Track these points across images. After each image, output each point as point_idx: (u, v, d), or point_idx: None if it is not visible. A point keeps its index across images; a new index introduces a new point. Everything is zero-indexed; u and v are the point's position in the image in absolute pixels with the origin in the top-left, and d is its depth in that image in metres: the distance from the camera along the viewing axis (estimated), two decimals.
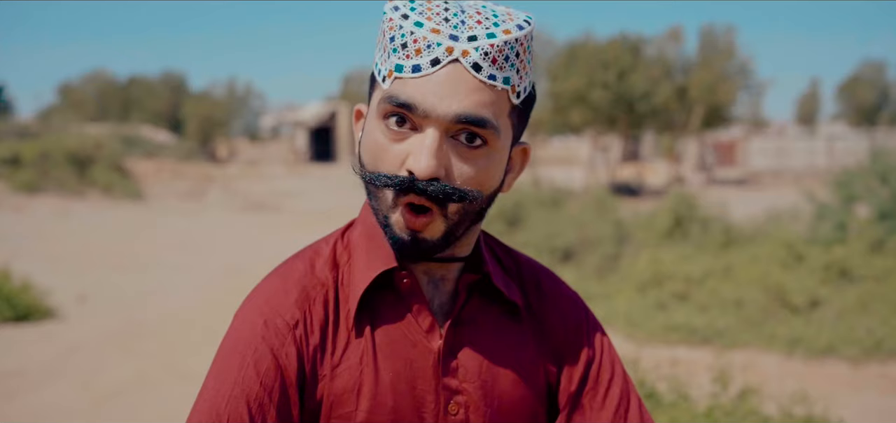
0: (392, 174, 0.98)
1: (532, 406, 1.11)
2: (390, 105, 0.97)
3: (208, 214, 22.59)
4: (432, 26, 0.96)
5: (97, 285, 11.13)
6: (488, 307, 1.11)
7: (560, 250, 11.19)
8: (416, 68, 0.96)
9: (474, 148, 0.98)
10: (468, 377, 1.07)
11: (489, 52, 0.96)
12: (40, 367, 7.18)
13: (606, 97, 27.25)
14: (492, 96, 0.97)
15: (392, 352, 1.04)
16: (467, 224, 1.02)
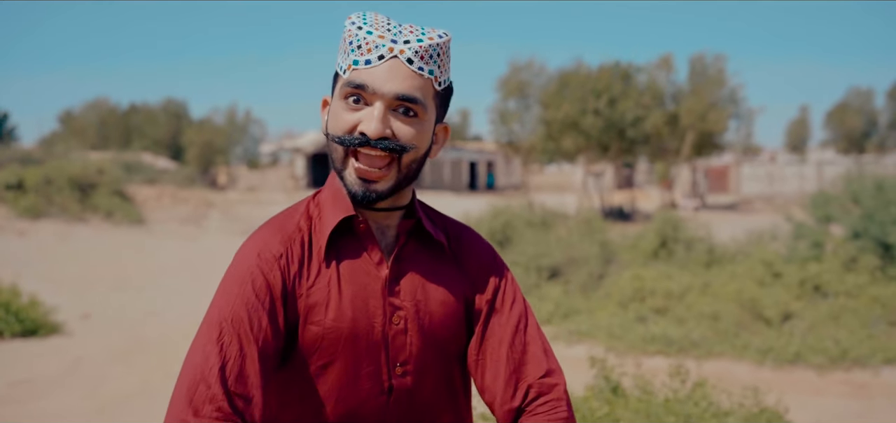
0: (352, 138, 1.38)
1: (454, 320, 1.49)
2: (350, 88, 1.37)
3: (208, 238, 22.98)
4: (379, 33, 1.36)
5: (100, 304, 11.51)
6: (421, 249, 1.50)
7: (547, 269, 11.58)
8: (368, 62, 1.35)
9: (409, 118, 1.38)
10: (406, 297, 1.45)
11: (418, 50, 1.36)
12: (48, 377, 7.57)
13: (598, 124, 27.75)
14: (421, 82, 1.37)
15: (351, 279, 1.42)
16: (409, 178, 1.43)
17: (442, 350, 1.49)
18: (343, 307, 1.41)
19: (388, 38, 1.37)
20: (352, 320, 1.41)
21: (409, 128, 1.38)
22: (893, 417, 6.37)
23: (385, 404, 1.43)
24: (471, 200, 36.83)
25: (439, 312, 1.48)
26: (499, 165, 54.35)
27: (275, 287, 1.38)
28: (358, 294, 1.42)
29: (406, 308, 1.45)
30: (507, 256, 12.39)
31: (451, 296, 1.50)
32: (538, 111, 30.13)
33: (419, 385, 1.45)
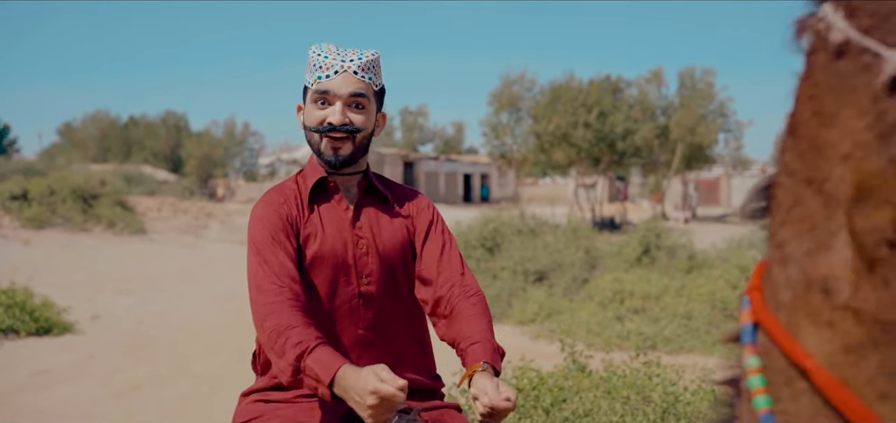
0: (323, 127, 2.05)
1: (400, 246, 2.15)
2: (317, 93, 2.05)
3: (207, 247, 23.56)
4: (332, 57, 2.07)
5: (107, 307, 12.10)
6: (374, 200, 2.19)
7: (533, 273, 12.18)
8: (328, 76, 2.04)
9: (359, 110, 2.07)
10: (366, 231, 2.12)
11: (360, 65, 2.07)
12: (64, 368, 8.14)
13: (588, 136, 28.40)
14: (364, 85, 2.06)
15: (328, 219, 2.10)
16: (362, 150, 2.11)
17: (393, 267, 2.14)
18: (325, 238, 2.08)
19: (339, 59, 2.05)
20: (331, 246, 2.07)
21: (359, 116, 2.08)
22: None
23: (358, 304, 2.07)
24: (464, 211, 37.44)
25: (389, 240, 2.14)
26: (493, 177, 54.98)
27: (287, 220, 2.06)
28: (334, 230, 2.10)
29: (366, 238, 2.11)
30: (495, 261, 13.00)
31: (396, 230, 2.17)
32: (530, 124, 30.77)
33: (379, 291, 2.10)
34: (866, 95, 0.63)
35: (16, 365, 8.16)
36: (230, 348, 9.05)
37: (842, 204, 0.65)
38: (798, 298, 0.70)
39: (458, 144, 66.51)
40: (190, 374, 7.92)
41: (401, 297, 2.15)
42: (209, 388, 7.27)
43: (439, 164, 52.15)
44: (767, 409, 0.73)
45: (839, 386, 0.65)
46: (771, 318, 0.73)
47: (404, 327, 2.14)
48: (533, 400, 4.37)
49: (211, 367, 8.12)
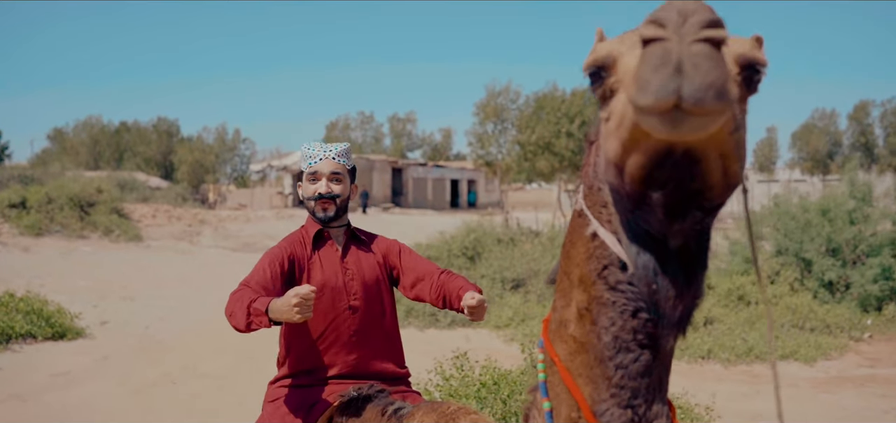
0: (315, 196, 2.98)
1: (376, 273, 3.05)
2: (310, 174, 3.03)
3: (202, 253, 24.38)
4: (317, 150, 3.04)
5: (114, 312, 12.95)
6: (355, 243, 3.10)
7: (511, 281, 13.13)
8: (316, 162, 3.01)
9: (338, 182, 3.01)
10: (350, 264, 3.03)
11: (337, 153, 3.03)
12: (83, 370, 9.02)
13: (571, 145, 29.36)
14: (340, 167, 3.05)
15: (325, 259, 3.02)
16: (343, 210, 3.04)
17: (371, 288, 3.05)
18: (324, 272, 2.99)
19: (322, 151, 3.04)
20: (328, 277, 2.98)
21: (339, 186, 3.04)
22: (769, 398, 7.94)
23: (348, 314, 2.97)
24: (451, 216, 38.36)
25: (368, 270, 3.07)
26: (480, 182, 55.88)
27: (285, 258, 2.94)
28: (329, 265, 3.01)
29: (352, 269, 3.03)
30: (476, 270, 13.95)
31: (373, 262, 3.09)
32: (514, 134, 31.73)
33: (362, 305, 3.00)
34: (584, 238, 1.55)
35: (37, 367, 9.02)
36: (233, 350, 9.94)
37: (573, 285, 1.57)
38: (556, 330, 1.60)
39: (445, 150, 67.52)
40: (198, 374, 8.83)
41: (378, 309, 3.06)
42: (217, 387, 8.17)
43: (427, 170, 53.07)
44: (543, 379, 1.66)
45: (565, 370, 1.58)
46: (547, 337, 1.64)
47: (380, 331, 3.05)
48: (494, 392, 5.32)
49: (217, 368, 9.02)
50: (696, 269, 1.38)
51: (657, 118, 1.12)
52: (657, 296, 1.37)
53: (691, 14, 1.13)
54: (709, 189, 1.27)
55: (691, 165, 1.23)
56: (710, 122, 1.13)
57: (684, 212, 1.31)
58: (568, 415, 1.53)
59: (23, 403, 7.53)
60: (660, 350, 1.44)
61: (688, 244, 1.36)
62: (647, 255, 1.37)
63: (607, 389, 1.45)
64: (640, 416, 1.45)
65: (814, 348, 9.80)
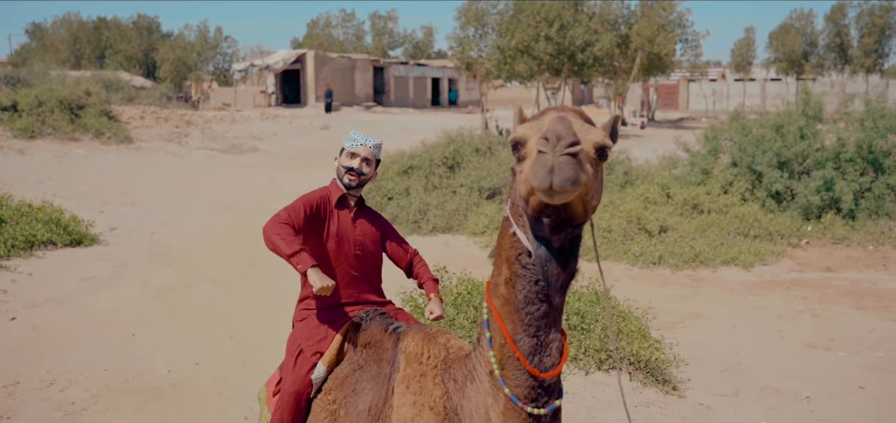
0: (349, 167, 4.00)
1: (373, 236, 4.11)
2: (350, 151, 4.01)
3: (193, 156, 25.30)
4: (361, 138, 4.04)
5: (119, 219, 14.00)
6: (362, 212, 4.13)
7: (487, 190, 14.27)
8: (357, 145, 4.02)
9: (368, 165, 4.01)
10: (358, 226, 4.07)
11: (375, 146, 4.05)
12: (106, 276, 10.12)
13: (549, 49, 30.17)
14: (372, 155, 4.00)
15: (342, 217, 4.03)
16: (362, 186, 4.04)
17: (369, 244, 4.05)
18: (340, 225, 4.01)
19: (365, 139, 4.03)
20: (342, 229, 4.01)
21: (367, 168, 4.01)
22: (707, 300, 9.22)
23: (353, 258, 4.02)
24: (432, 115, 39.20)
25: (369, 232, 4.09)
26: (461, 81, 56.44)
27: (317, 202, 3.92)
28: (344, 223, 4.02)
29: (360, 229, 4.06)
30: (455, 179, 15.06)
31: (372, 228, 4.11)
32: (495, 38, 32.43)
33: (363, 254, 4.01)
34: (507, 233, 2.67)
35: (66, 272, 10.12)
36: (238, 257, 11.11)
37: (503, 262, 2.67)
38: (493, 289, 2.70)
39: (427, 48, 67.72)
40: (209, 279, 9.98)
41: (372, 259, 4.11)
42: (229, 291, 9.33)
43: (408, 68, 53.48)
44: (486, 318, 2.78)
45: (497, 314, 2.68)
46: (489, 294, 2.73)
47: (371, 274, 4.11)
48: (466, 300, 6.51)
49: (225, 273, 10.18)
50: (569, 259, 2.50)
51: (541, 192, 2.22)
52: (548, 273, 2.49)
53: (562, 138, 2.22)
54: (575, 217, 2.39)
55: (563, 209, 2.33)
56: (570, 195, 2.22)
57: (561, 229, 2.40)
58: (500, 342, 2.63)
59: (61, 306, 8.65)
60: (552, 303, 2.55)
61: (564, 245, 2.47)
62: (542, 249, 2.48)
63: (521, 326, 2.56)
64: (541, 341, 2.57)
65: (753, 255, 11.07)
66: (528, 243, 2.51)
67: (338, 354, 3.78)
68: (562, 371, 2.69)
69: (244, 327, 7.92)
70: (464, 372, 2.92)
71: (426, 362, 3.11)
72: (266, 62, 44.90)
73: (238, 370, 6.60)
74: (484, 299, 2.75)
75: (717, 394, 6.09)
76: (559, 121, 2.29)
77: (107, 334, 7.63)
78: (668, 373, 6.16)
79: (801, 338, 7.64)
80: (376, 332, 3.60)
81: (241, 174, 21.48)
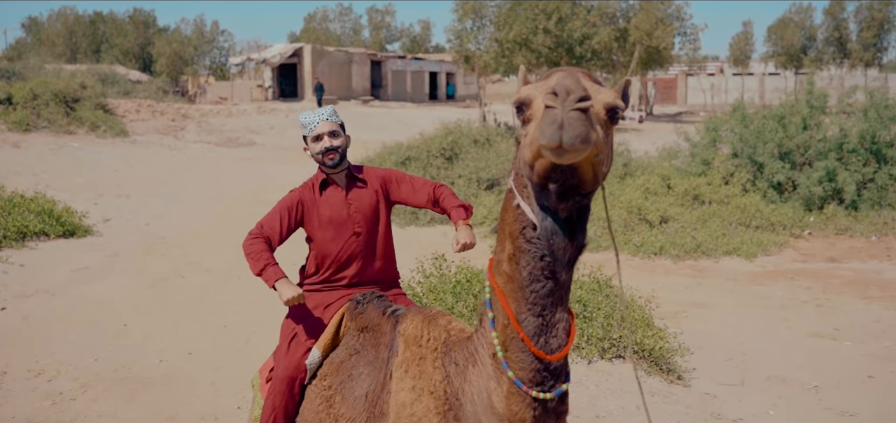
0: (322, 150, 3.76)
1: (374, 204, 3.85)
2: (313, 137, 3.76)
3: (189, 149, 25.11)
4: (312, 116, 3.77)
5: (114, 210, 13.82)
6: (354, 182, 3.88)
7: (486, 181, 14.11)
8: (314, 126, 3.77)
9: (335, 137, 3.73)
10: (352, 200, 3.84)
11: (329, 114, 3.82)
12: (99, 266, 9.96)
13: (547, 42, 29.99)
14: (334, 124, 3.73)
15: (332, 198, 3.81)
16: (343, 156, 3.79)
17: (370, 216, 3.84)
18: (331, 209, 3.79)
19: (317, 116, 3.77)
20: (335, 213, 3.78)
21: (337, 139, 3.72)
22: (710, 290, 9.07)
23: (355, 239, 3.80)
24: (428, 110, 39.01)
25: (367, 202, 3.86)
26: (459, 75, 56.23)
27: (294, 205, 3.74)
28: (335, 203, 3.81)
29: (354, 203, 3.84)
30: (453, 170, 14.89)
31: (370, 195, 3.89)
32: (493, 31, 32.24)
33: (364, 230, 3.81)
34: (512, 206, 2.49)
35: (57, 263, 9.95)
36: (232, 246, 10.80)
37: (506, 237, 2.51)
38: (496, 267, 2.53)
39: (424, 43, 67.54)
40: (203, 269, 9.82)
41: (377, 233, 3.91)
42: (223, 280, 9.17)
43: (406, 63, 53.27)
44: (488, 297, 2.61)
45: (501, 293, 2.51)
46: (491, 272, 2.56)
47: (378, 248, 3.92)
48: (466, 289, 6.36)
49: (219, 263, 10.00)
50: (576, 231, 2.33)
51: (549, 151, 2.03)
52: (554, 247, 2.31)
53: (571, 92, 2.04)
54: (584, 184, 2.19)
55: (571, 173, 2.13)
56: (580, 155, 2.03)
57: (568, 196, 2.20)
58: (502, 322, 2.44)
59: (52, 297, 8.48)
60: (558, 280, 2.36)
61: (571, 216, 2.28)
62: (547, 220, 2.30)
63: (526, 305, 2.38)
64: (547, 321, 2.39)
65: (755, 245, 10.92)
66: (532, 215, 2.32)
67: (334, 338, 3.61)
68: (569, 353, 2.53)
69: (238, 316, 7.77)
70: (465, 355, 2.75)
71: (426, 344, 2.94)
72: (263, 56, 44.69)
73: (231, 360, 6.45)
74: (486, 278, 2.56)
75: (723, 383, 5.94)
76: (568, 76, 2.10)
77: (98, 324, 7.47)
78: (672, 362, 6.01)
79: (807, 328, 7.50)
80: (374, 315, 3.43)
81: (237, 167, 21.29)
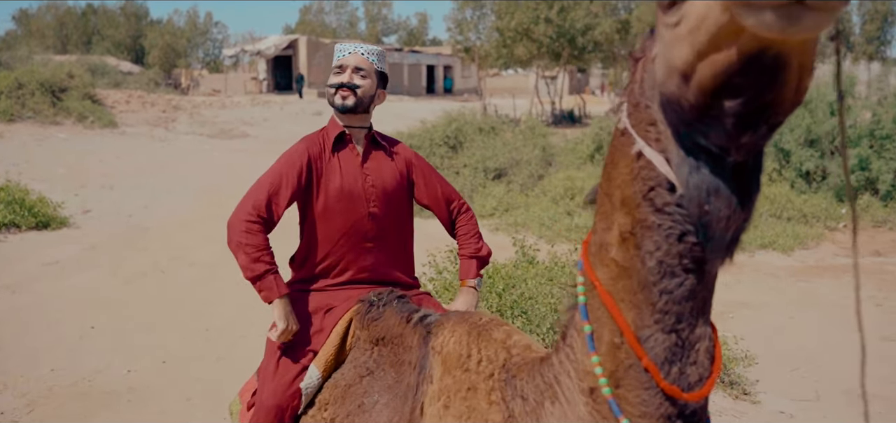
0: (336, 84, 2.88)
1: (397, 180, 2.98)
2: (336, 66, 2.87)
3: (179, 140, 24.11)
4: (349, 44, 2.92)
5: (95, 201, 12.85)
6: (376, 149, 3.00)
7: (493, 171, 13.19)
8: (343, 55, 2.87)
9: (362, 77, 2.86)
10: (370, 170, 2.95)
11: (367, 49, 2.92)
12: (72, 259, 9.02)
13: (549, 32, 29.05)
14: (366, 62, 2.87)
15: (345, 163, 2.93)
16: (364, 108, 2.88)
17: (391, 195, 2.97)
18: (343, 176, 2.89)
19: (353, 46, 2.92)
20: (347, 182, 2.90)
21: (362, 80, 2.88)
22: (752, 287, 8.16)
23: (368, 221, 2.92)
24: (428, 104, 38.06)
25: (389, 176, 2.98)
26: (456, 68, 55.29)
27: (303, 165, 2.86)
28: (349, 169, 2.91)
29: (372, 175, 2.94)
30: (458, 159, 13.98)
31: (393, 168, 3.01)
32: (493, 20, 31.30)
33: (381, 212, 2.94)
34: (628, 158, 1.49)
35: (26, 257, 9.02)
36: (217, 241, 9.90)
37: (615, 209, 1.57)
38: (596, 252, 1.57)
39: (421, 36, 66.54)
40: (187, 263, 8.88)
41: (396, 217, 3.00)
42: (208, 277, 8.22)
43: (403, 56, 52.27)
44: (583, 302, 1.69)
45: (607, 294, 1.59)
46: (587, 260, 1.61)
47: (396, 241, 3.02)
48: (488, 286, 5.43)
49: (205, 257, 9.06)
50: (751, 188, 1.36)
51: (772, 13, 1.02)
52: (708, 218, 1.33)
53: None
54: (781, 102, 1.20)
55: (775, 73, 1.15)
56: (829, 19, 1.03)
57: (755, 125, 1.23)
58: (610, 340, 1.52)
59: (13, 294, 7.56)
60: (705, 275, 1.41)
61: (746, 162, 1.32)
62: (701, 174, 1.32)
63: (651, 314, 1.45)
64: (684, 340, 1.45)
65: (792, 238, 10.03)
66: (668, 170, 1.37)
67: (338, 353, 2.69)
68: (711, 391, 1.59)
69: (223, 318, 6.84)
70: (539, 386, 1.79)
71: (476, 368, 1.99)
72: (257, 48, 43.69)
73: (212, 370, 5.53)
74: (579, 271, 1.63)
75: (796, 399, 5.03)
76: None
77: (61, 326, 6.54)
78: (735, 373, 5.09)
79: (874, 331, 6.59)
80: (394, 322, 2.50)
81: (230, 158, 20.27)
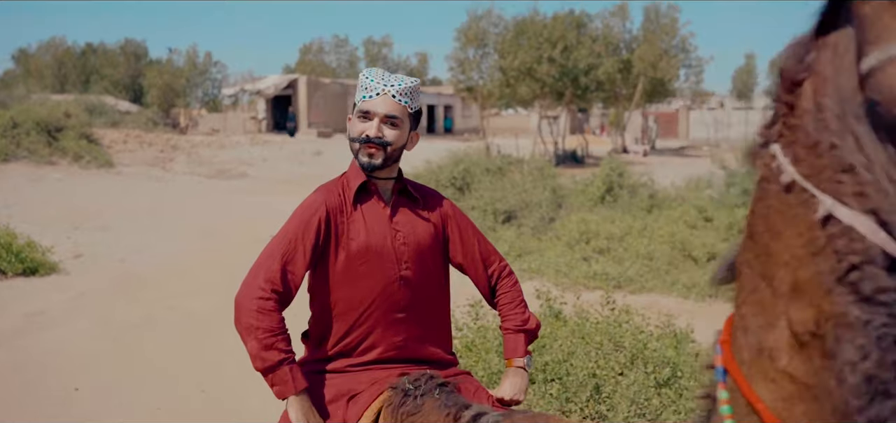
0: (361, 138, 2.37)
1: (432, 237, 2.50)
2: (361, 111, 2.38)
3: (177, 181, 23.64)
4: (377, 80, 2.39)
5: (88, 244, 12.32)
6: (406, 200, 2.50)
7: (502, 213, 12.69)
8: (371, 97, 2.36)
9: (393, 127, 2.37)
10: (401, 225, 2.45)
11: (399, 90, 2.39)
12: (59, 309, 8.45)
13: (552, 71, 28.79)
14: (400, 108, 2.37)
15: (370, 216, 2.43)
16: (394, 159, 2.42)
17: (425, 255, 2.49)
18: (368, 232, 2.40)
19: (382, 83, 2.38)
20: (371, 239, 2.40)
21: (393, 131, 2.39)
22: None
23: (398, 287, 2.42)
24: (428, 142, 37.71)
25: (422, 232, 2.49)
26: (456, 108, 55.14)
27: (321, 220, 2.37)
28: (375, 224, 2.42)
29: (403, 231, 2.45)
30: (466, 200, 13.49)
31: (427, 224, 2.52)
32: (495, 59, 31.07)
33: (415, 276, 2.45)
34: (804, 223, 0.96)
35: (9, 306, 8.45)
36: (216, 289, 9.38)
37: (782, 297, 1.02)
38: (754, 358, 1.06)
39: (421, 76, 66.47)
40: (181, 313, 8.31)
41: (431, 282, 2.52)
42: (203, 328, 7.65)
43: None
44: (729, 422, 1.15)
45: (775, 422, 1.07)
46: (736, 368, 1.09)
47: (431, 310, 2.53)
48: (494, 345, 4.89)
49: (201, 307, 8.50)
50: None
51: None
52: None
53: None
54: None
55: None
56: None
57: None
58: None
59: None
60: None
61: None
62: None
63: None
64: None
65: None
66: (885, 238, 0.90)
67: None
68: None
69: (221, 378, 6.25)
70: None
71: None
72: (257, 87, 43.45)
73: None
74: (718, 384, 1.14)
75: None
76: None
77: (41, 386, 5.96)
78: None
79: None
80: (436, 419, 1.99)
81: (228, 199, 19.77)
